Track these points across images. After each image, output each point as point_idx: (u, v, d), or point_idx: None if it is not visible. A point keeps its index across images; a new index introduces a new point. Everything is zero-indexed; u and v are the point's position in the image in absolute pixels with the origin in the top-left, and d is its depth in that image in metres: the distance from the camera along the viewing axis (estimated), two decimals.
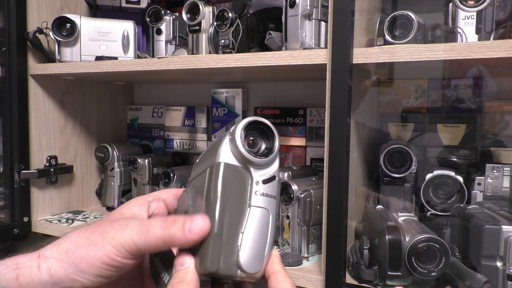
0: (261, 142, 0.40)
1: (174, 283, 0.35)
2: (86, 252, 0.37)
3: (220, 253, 0.35)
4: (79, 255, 0.37)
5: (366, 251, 0.69)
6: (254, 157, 0.37)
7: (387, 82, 1.02)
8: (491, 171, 0.82)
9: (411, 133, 0.98)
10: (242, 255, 0.35)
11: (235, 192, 0.37)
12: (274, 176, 0.39)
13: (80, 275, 0.37)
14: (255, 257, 0.36)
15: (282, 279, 0.36)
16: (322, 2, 0.76)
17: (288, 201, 0.83)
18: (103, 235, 0.37)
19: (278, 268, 0.37)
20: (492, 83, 0.92)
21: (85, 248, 0.37)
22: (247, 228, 0.36)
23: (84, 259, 0.37)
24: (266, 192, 0.38)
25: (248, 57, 0.78)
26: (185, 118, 1.30)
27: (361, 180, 0.85)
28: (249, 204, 0.37)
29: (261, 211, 0.37)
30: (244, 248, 0.36)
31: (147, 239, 0.36)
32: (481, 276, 0.61)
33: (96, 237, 0.37)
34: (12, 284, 0.36)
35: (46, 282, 0.37)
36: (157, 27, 1.03)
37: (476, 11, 0.68)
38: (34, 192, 1.09)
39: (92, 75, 1.11)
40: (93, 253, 0.36)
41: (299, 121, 1.12)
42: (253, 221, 0.37)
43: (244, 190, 0.37)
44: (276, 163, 0.39)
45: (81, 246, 0.37)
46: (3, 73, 1.02)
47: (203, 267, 0.35)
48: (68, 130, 1.18)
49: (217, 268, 0.35)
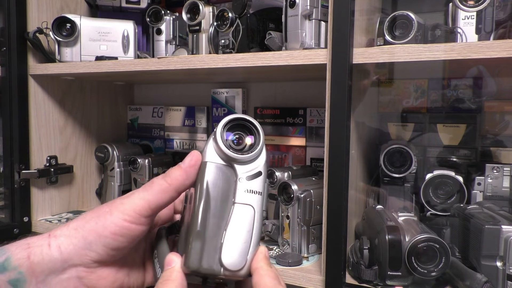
0: (246, 138, 0.40)
1: (160, 282, 0.36)
2: (95, 223, 0.38)
3: (202, 251, 0.35)
4: (88, 228, 0.38)
5: (366, 251, 0.69)
6: (235, 154, 0.38)
7: (387, 82, 1.02)
8: (491, 171, 0.82)
9: (411, 133, 0.98)
10: (224, 253, 0.36)
11: (219, 190, 0.37)
12: (260, 171, 0.39)
13: (89, 247, 0.38)
14: (239, 254, 0.36)
15: (263, 273, 0.36)
16: (322, 2, 0.76)
17: (288, 201, 0.83)
18: (111, 205, 0.39)
19: (261, 264, 0.37)
20: (492, 83, 0.92)
21: (93, 221, 0.38)
22: (230, 225, 0.36)
23: (93, 230, 0.38)
24: (250, 189, 0.38)
25: (248, 57, 0.78)
26: (185, 118, 1.30)
27: (361, 180, 0.85)
28: (233, 201, 0.37)
29: (245, 208, 0.37)
30: (227, 246, 0.36)
31: (154, 189, 0.39)
32: (481, 276, 0.61)
33: (104, 209, 0.39)
34: (23, 263, 0.37)
35: (56, 259, 0.38)
36: (157, 27, 1.03)
37: (476, 11, 0.68)
38: (34, 192, 1.09)
39: (92, 75, 1.11)
40: (101, 223, 0.38)
41: (299, 121, 1.12)
42: (236, 218, 0.37)
43: (229, 188, 0.38)
44: (262, 159, 0.39)
45: (89, 220, 0.39)
46: (3, 73, 1.02)
47: (186, 265, 0.36)
48: (68, 130, 1.18)
49: (198, 266, 0.35)
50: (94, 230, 0.38)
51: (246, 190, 0.38)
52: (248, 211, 0.37)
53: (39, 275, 0.37)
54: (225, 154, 0.38)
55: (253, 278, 0.37)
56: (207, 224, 0.36)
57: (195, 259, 0.35)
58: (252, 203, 0.38)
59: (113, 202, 0.40)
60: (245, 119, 0.40)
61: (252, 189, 0.38)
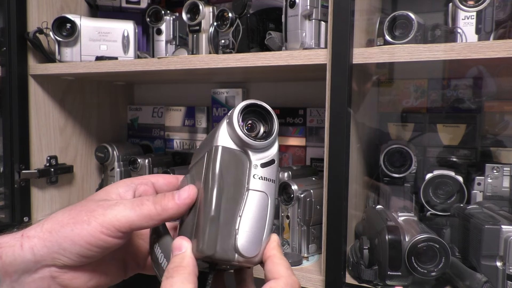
0: (259, 125, 0.39)
1: (171, 268, 0.35)
2: (70, 230, 0.37)
3: (217, 236, 0.34)
4: (63, 234, 0.37)
5: (366, 251, 0.69)
6: (252, 140, 0.37)
7: (387, 82, 1.02)
8: (491, 171, 0.82)
9: (411, 133, 0.98)
10: (239, 239, 0.35)
11: (233, 176, 0.36)
12: (273, 159, 0.38)
13: (62, 253, 0.37)
14: (253, 241, 0.36)
15: (277, 261, 0.36)
16: (322, 2, 0.76)
17: (288, 201, 0.83)
18: (90, 213, 0.37)
19: (274, 251, 0.37)
20: (492, 83, 0.92)
21: (70, 227, 0.37)
22: (245, 211, 0.36)
23: (68, 238, 0.37)
24: (264, 176, 0.37)
25: (248, 57, 0.78)
26: (185, 118, 1.30)
27: (361, 180, 0.85)
28: (247, 187, 0.37)
29: (260, 195, 0.37)
30: (242, 232, 0.35)
31: (142, 212, 0.37)
32: (481, 276, 0.61)
33: (82, 216, 0.37)
34: None
35: (29, 260, 0.37)
36: (157, 27, 1.03)
37: (476, 11, 0.68)
38: (34, 192, 1.09)
39: (92, 75, 1.11)
40: (77, 231, 0.36)
41: (299, 121, 1.12)
42: (251, 205, 0.36)
43: (242, 174, 0.37)
44: (275, 147, 0.39)
45: (65, 225, 0.37)
46: (3, 73, 1.02)
47: (199, 251, 0.35)
48: (68, 130, 1.18)
49: (214, 251, 0.34)
50: (69, 237, 0.37)
51: (260, 177, 0.37)
52: (263, 198, 0.37)
53: (12, 275, 0.37)
54: (240, 139, 0.37)
55: (267, 266, 0.36)
56: (221, 209, 0.35)
57: (211, 244, 0.34)
58: (266, 190, 0.37)
59: (93, 210, 0.37)
60: (261, 105, 0.39)
61: (266, 177, 0.37)
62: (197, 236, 0.35)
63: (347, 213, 0.69)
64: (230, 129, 0.37)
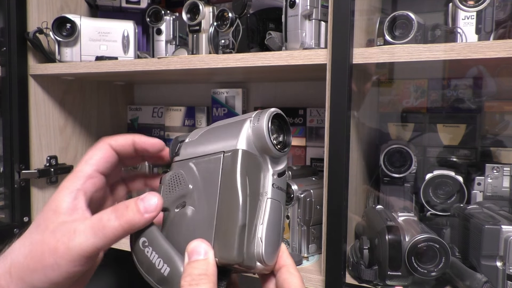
0: (280, 135, 0.39)
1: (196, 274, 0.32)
2: (43, 275, 0.35)
3: (244, 244, 0.34)
4: (37, 278, 0.35)
5: (366, 251, 0.69)
6: (276, 150, 0.36)
7: (387, 82, 1.02)
8: (491, 171, 0.82)
9: (411, 133, 0.98)
10: (264, 247, 0.35)
11: (254, 183, 0.36)
12: (285, 170, 0.38)
13: None
14: (273, 249, 0.36)
15: (293, 272, 0.36)
16: (322, 2, 0.76)
17: (288, 201, 0.83)
18: (54, 254, 0.34)
19: (289, 261, 0.37)
20: (492, 83, 0.92)
21: (41, 272, 0.35)
22: (265, 220, 0.35)
23: (44, 282, 0.35)
24: (279, 185, 0.37)
25: (248, 57, 0.78)
26: (185, 118, 1.30)
27: (361, 180, 0.85)
28: (267, 196, 0.36)
29: (277, 204, 0.37)
30: (266, 240, 0.35)
31: (106, 236, 0.34)
32: (481, 276, 0.61)
33: (48, 259, 0.34)
34: None
35: None
36: (157, 27, 1.03)
37: (476, 11, 0.68)
38: (34, 192, 1.09)
39: (92, 75, 1.11)
40: (49, 276, 0.34)
41: (299, 121, 1.12)
42: (271, 213, 0.36)
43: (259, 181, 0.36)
44: (286, 158, 0.39)
45: (35, 271, 0.35)
46: (3, 73, 1.02)
47: (225, 258, 0.34)
48: (68, 130, 1.18)
49: (242, 259, 0.34)
50: (45, 282, 0.34)
51: (278, 187, 0.37)
52: (279, 207, 0.37)
53: None
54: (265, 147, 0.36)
55: (281, 275, 0.36)
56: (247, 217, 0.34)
57: (240, 252, 0.33)
58: (280, 200, 0.37)
59: (56, 249, 0.34)
60: (283, 116, 0.38)
61: (280, 186, 0.37)
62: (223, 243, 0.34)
63: (347, 213, 0.69)
64: (254, 133, 0.36)
